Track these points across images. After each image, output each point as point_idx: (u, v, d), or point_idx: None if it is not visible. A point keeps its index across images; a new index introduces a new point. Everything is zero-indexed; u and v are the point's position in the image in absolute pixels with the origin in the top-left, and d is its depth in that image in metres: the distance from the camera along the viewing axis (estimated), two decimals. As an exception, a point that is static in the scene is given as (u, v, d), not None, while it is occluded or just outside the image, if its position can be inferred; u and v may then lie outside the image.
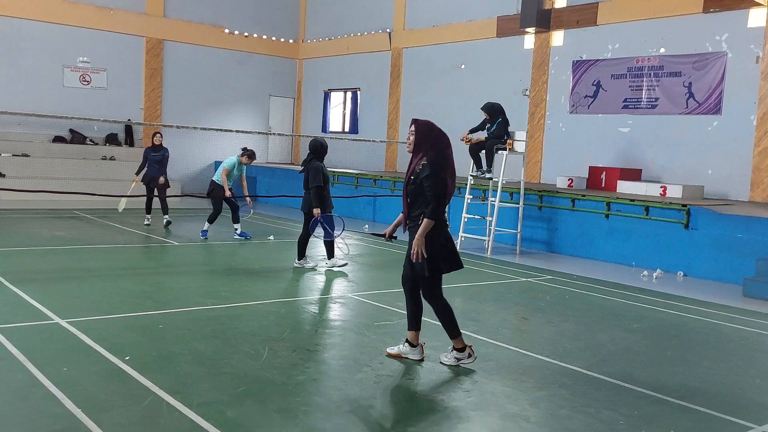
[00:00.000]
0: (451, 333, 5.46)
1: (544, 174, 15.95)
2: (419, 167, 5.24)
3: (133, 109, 19.80)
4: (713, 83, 13.13)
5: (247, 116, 22.12)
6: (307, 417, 4.32)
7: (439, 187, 5.20)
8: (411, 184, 5.31)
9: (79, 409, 4.17)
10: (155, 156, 13.05)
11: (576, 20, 15.28)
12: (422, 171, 5.22)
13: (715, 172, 13.13)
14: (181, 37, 20.61)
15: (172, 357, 5.32)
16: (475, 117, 12.97)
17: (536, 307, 8.02)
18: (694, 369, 5.88)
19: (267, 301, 7.51)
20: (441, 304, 5.45)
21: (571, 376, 5.42)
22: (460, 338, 5.47)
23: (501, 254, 11.98)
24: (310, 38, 22.93)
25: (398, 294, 8.17)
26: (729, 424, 4.63)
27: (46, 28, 18.42)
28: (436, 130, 5.39)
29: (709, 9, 13.13)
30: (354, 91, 21.55)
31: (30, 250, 10.13)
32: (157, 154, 13.07)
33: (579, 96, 15.34)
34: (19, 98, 17.61)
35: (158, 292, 7.79)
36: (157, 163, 13.01)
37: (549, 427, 4.38)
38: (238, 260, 10.41)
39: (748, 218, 10.20)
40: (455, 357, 5.45)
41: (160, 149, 13.14)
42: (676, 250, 11.01)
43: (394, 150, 19.81)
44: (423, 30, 19.03)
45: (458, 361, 5.43)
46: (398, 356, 5.54)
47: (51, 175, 16.98)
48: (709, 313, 8.15)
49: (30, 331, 5.85)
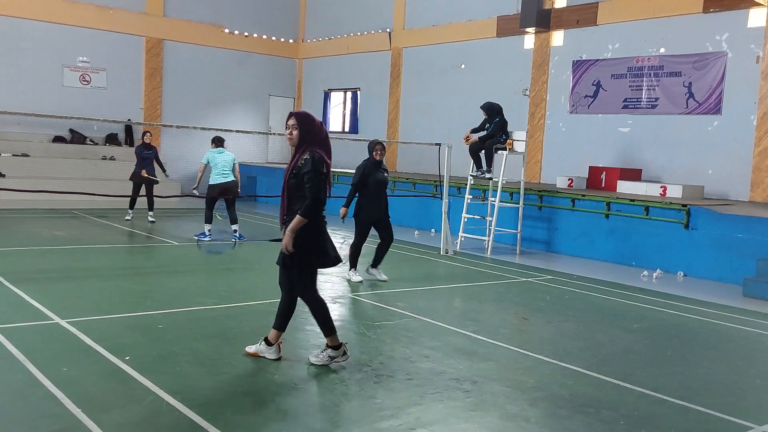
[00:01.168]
0: (326, 331, 5.33)
1: (544, 174, 15.95)
2: (302, 162, 5.12)
3: (133, 109, 19.79)
4: (713, 83, 13.13)
5: (247, 116, 22.12)
6: (307, 417, 4.32)
7: (318, 185, 5.06)
8: (292, 178, 5.16)
9: (79, 409, 4.17)
10: (149, 153, 13.25)
11: (576, 20, 15.28)
12: (304, 166, 5.08)
13: (715, 172, 13.13)
14: (181, 36, 20.61)
15: (172, 357, 5.32)
16: (475, 117, 12.97)
17: (536, 307, 8.01)
18: (694, 369, 5.88)
19: (267, 301, 7.50)
20: (315, 303, 5.33)
21: (571, 376, 5.42)
22: (335, 336, 5.35)
23: (501, 254, 11.97)
24: (310, 38, 22.93)
25: (398, 294, 8.19)
26: (729, 424, 4.63)
27: (46, 28, 18.42)
28: (317, 122, 5.26)
29: (709, 9, 13.13)
30: (354, 91, 21.55)
31: (30, 250, 10.12)
32: (150, 152, 13.28)
33: (579, 96, 15.34)
34: (19, 98, 17.59)
35: (158, 292, 7.79)
36: (151, 161, 13.21)
37: (549, 427, 4.38)
38: (238, 260, 10.41)
39: (748, 218, 10.20)
40: (329, 355, 5.31)
41: (151, 147, 13.39)
42: (676, 250, 11.01)
43: (394, 150, 19.81)
44: (423, 30, 19.03)
45: (332, 360, 5.29)
46: (255, 355, 5.40)
47: (51, 175, 16.97)
48: (709, 313, 8.15)
49: (30, 331, 5.85)
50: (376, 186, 8.65)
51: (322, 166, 5.06)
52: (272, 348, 5.40)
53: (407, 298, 7.95)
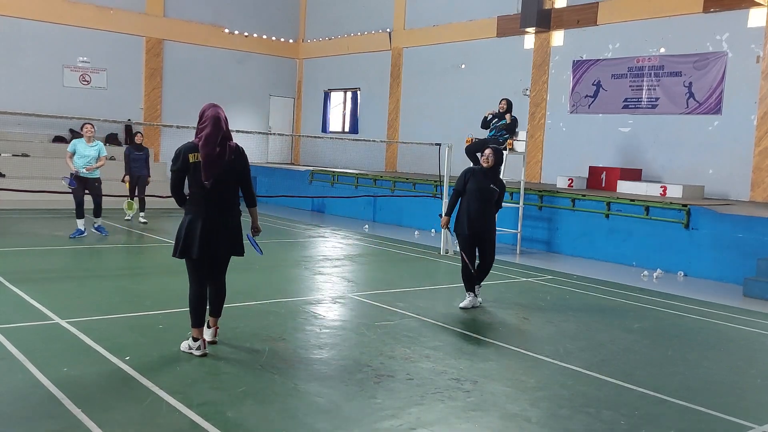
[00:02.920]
0: (191, 322, 5.43)
1: (545, 174, 15.95)
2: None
3: (133, 109, 19.79)
4: (713, 83, 13.12)
5: (247, 116, 22.10)
6: (307, 417, 4.31)
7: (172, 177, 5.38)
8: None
9: (79, 409, 4.17)
10: (140, 155, 13.27)
11: (576, 20, 15.28)
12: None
13: (716, 172, 13.12)
14: (181, 37, 20.61)
15: (172, 357, 5.32)
16: (475, 117, 12.96)
17: (536, 307, 8.01)
18: (694, 369, 5.88)
19: (267, 301, 7.51)
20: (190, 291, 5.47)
21: (571, 376, 5.42)
22: (200, 330, 5.42)
23: (501, 254, 11.92)
24: (310, 38, 22.93)
25: (398, 294, 8.19)
26: (729, 424, 4.63)
27: (46, 28, 18.41)
28: (203, 111, 5.38)
29: (709, 9, 13.13)
30: (354, 91, 21.54)
31: (30, 250, 10.12)
32: (141, 153, 13.31)
33: (579, 96, 15.33)
34: (19, 98, 17.58)
35: (158, 292, 7.79)
36: (143, 162, 13.25)
37: (549, 428, 4.38)
38: (238, 260, 10.38)
39: (749, 218, 10.19)
40: (188, 344, 5.43)
41: (142, 149, 13.41)
42: (676, 250, 11.01)
43: (394, 150, 19.81)
44: (423, 30, 19.03)
45: (189, 349, 5.40)
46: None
47: (51, 175, 16.93)
48: (709, 313, 8.15)
49: (30, 331, 5.85)
50: (474, 195, 7.50)
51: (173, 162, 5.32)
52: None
53: (407, 298, 7.95)
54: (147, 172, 13.43)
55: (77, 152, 11.13)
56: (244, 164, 5.46)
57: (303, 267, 9.93)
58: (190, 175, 5.27)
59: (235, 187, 5.47)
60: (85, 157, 11.14)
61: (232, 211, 5.45)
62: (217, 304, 5.68)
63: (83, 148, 11.17)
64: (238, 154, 5.37)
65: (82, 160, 11.12)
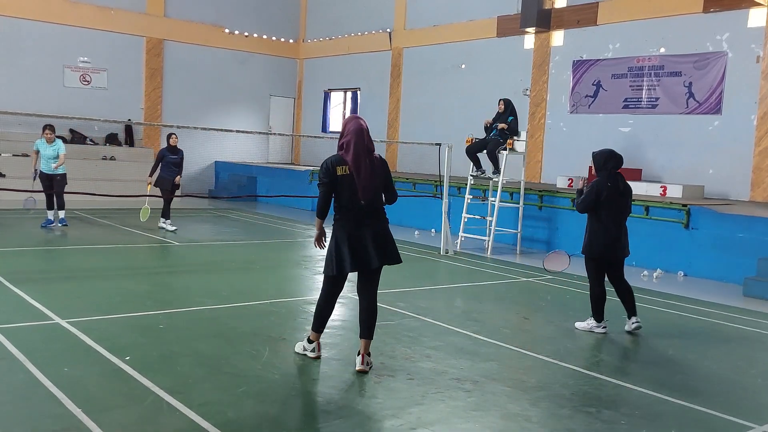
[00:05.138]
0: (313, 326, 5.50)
1: (545, 174, 15.95)
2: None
3: (134, 109, 19.79)
4: (714, 83, 13.12)
5: (247, 116, 22.11)
6: (307, 417, 4.32)
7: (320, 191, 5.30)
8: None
9: (80, 409, 4.17)
10: (174, 158, 12.63)
11: (576, 20, 15.28)
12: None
13: (716, 171, 13.12)
14: (182, 37, 20.61)
15: (172, 357, 5.32)
16: (476, 117, 12.97)
17: (537, 307, 8.02)
18: (694, 369, 5.88)
19: (267, 301, 7.51)
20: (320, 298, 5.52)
21: (572, 376, 5.43)
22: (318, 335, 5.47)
23: (501, 254, 11.97)
24: (310, 38, 22.93)
25: (399, 294, 8.19)
26: (729, 424, 4.63)
27: (46, 28, 18.41)
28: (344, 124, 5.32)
29: (709, 9, 13.13)
30: (354, 91, 21.54)
31: (30, 250, 10.13)
32: (175, 156, 12.68)
33: (579, 96, 15.33)
34: (19, 98, 17.57)
35: (159, 292, 7.79)
36: (176, 165, 12.64)
37: (550, 427, 4.38)
38: (238, 260, 10.40)
39: (749, 218, 10.19)
40: (303, 346, 5.53)
41: (177, 151, 12.78)
42: (676, 250, 11.01)
43: (394, 150, 19.80)
44: (423, 30, 19.03)
45: (304, 351, 5.48)
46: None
47: (51, 175, 16.94)
48: (709, 312, 8.15)
49: (30, 331, 5.85)
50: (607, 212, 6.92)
51: (321, 175, 5.20)
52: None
53: (408, 298, 7.95)
54: (180, 173, 12.79)
55: (40, 151, 12.14)
56: (387, 174, 5.36)
57: (303, 267, 9.93)
58: (338, 187, 5.16)
59: (381, 196, 5.37)
60: (44, 156, 12.11)
61: (380, 220, 5.33)
62: (369, 321, 5.33)
63: (44, 148, 12.16)
64: (381, 164, 5.30)
65: (42, 159, 12.13)
